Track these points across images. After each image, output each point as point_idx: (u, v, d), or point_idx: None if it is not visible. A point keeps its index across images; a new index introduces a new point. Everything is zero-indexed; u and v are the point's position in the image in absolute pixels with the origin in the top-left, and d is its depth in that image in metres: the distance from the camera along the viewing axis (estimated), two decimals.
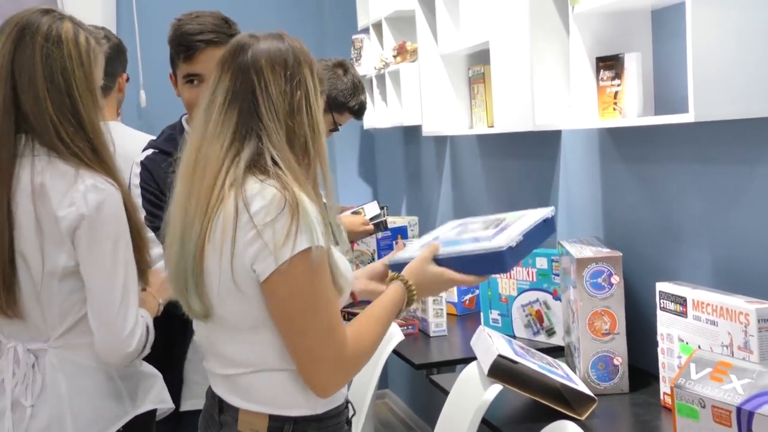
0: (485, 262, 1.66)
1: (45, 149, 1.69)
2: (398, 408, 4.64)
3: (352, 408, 1.66)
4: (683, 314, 1.85)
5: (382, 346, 2.19)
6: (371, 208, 3.26)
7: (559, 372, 2.00)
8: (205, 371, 1.63)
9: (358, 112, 3.19)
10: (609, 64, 2.12)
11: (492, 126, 2.84)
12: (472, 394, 1.98)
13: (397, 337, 2.51)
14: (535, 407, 1.97)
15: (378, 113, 4.03)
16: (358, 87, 3.14)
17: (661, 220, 2.21)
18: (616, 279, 2.04)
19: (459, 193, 3.55)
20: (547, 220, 1.78)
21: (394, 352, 2.57)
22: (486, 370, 1.94)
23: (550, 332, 2.58)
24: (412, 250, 1.78)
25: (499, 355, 1.92)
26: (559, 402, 1.94)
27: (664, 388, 1.96)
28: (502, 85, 2.63)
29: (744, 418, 1.47)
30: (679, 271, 2.14)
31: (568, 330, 2.28)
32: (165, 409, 1.89)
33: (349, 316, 2.50)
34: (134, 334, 1.71)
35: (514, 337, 2.60)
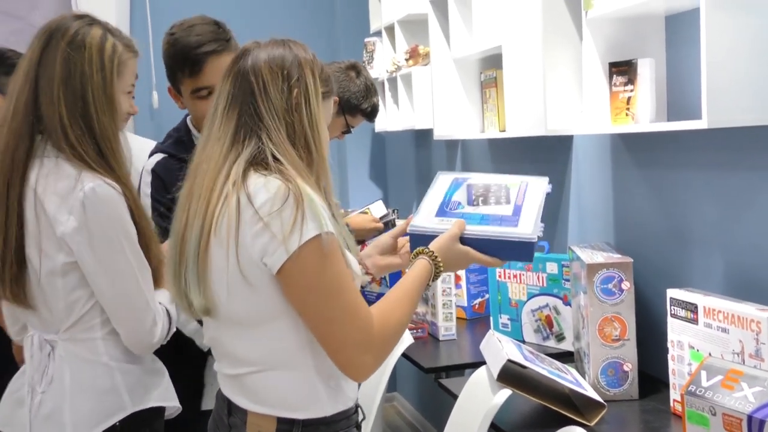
0: (512, 248, 1.70)
1: (54, 150, 1.73)
2: (407, 411, 4.64)
3: (362, 412, 1.66)
4: (694, 321, 1.84)
5: None
6: (377, 209, 3.26)
7: (568, 377, 2.00)
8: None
9: (371, 115, 3.19)
10: (622, 70, 2.11)
11: (504, 130, 2.84)
12: (481, 399, 1.98)
13: (406, 340, 2.51)
14: (544, 412, 1.96)
15: (389, 116, 4.03)
16: (370, 89, 3.14)
17: (673, 226, 2.20)
18: (626, 285, 2.04)
19: None
20: (548, 194, 1.84)
21: (403, 355, 2.57)
22: (495, 375, 1.93)
23: (560, 337, 2.57)
24: (428, 220, 1.77)
25: (509, 360, 1.92)
26: (568, 408, 1.94)
27: (674, 395, 1.96)
28: (515, 90, 2.63)
29: (755, 426, 1.46)
30: (690, 278, 2.13)
31: (578, 335, 2.27)
32: (173, 410, 1.90)
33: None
34: (156, 326, 1.77)
35: (524, 342, 2.60)
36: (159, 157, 2.16)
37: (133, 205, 1.77)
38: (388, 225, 3.22)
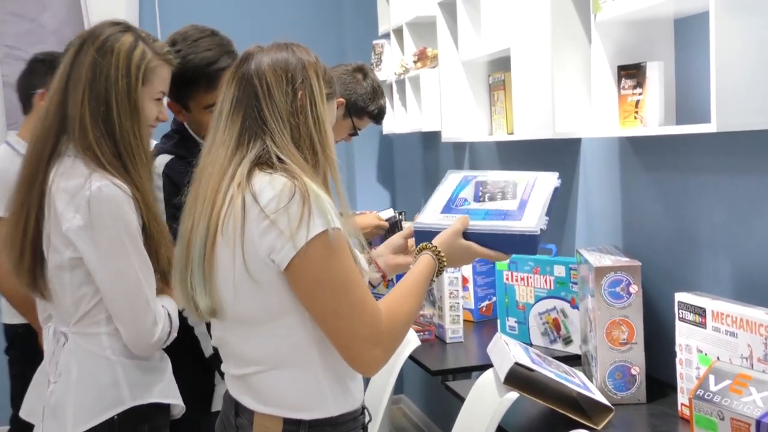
0: (515, 242, 1.70)
1: (75, 150, 1.78)
2: (413, 414, 4.63)
3: (369, 414, 1.66)
4: (702, 325, 1.84)
5: (398, 352, 2.19)
6: (385, 215, 3.26)
7: (575, 381, 1.99)
8: None
9: (378, 117, 3.20)
10: (631, 73, 2.11)
11: (512, 133, 2.83)
12: (488, 402, 1.98)
13: (413, 342, 2.51)
14: (551, 416, 1.96)
15: (397, 118, 4.04)
16: (377, 91, 3.14)
17: (681, 229, 2.20)
18: (634, 288, 2.03)
19: None
20: (557, 189, 1.83)
21: (410, 357, 2.57)
22: (502, 378, 1.93)
23: (567, 340, 2.57)
24: (434, 217, 1.78)
25: (516, 363, 1.91)
26: (575, 411, 1.93)
27: (682, 399, 1.95)
28: (523, 93, 2.63)
29: (764, 431, 1.46)
30: (699, 282, 2.12)
31: (585, 339, 2.26)
32: (179, 409, 1.91)
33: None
34: (156, 326, 1.80)
35: (531, 345, 2.59)
36: (167, 158, 2.14)
37: (144, 208, 1.80)
38: (395, 226, 3.22)
